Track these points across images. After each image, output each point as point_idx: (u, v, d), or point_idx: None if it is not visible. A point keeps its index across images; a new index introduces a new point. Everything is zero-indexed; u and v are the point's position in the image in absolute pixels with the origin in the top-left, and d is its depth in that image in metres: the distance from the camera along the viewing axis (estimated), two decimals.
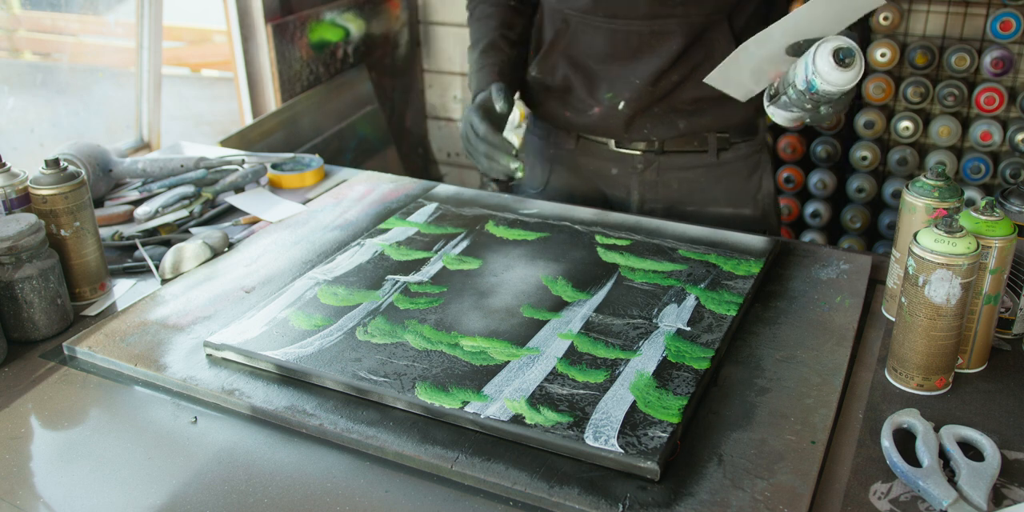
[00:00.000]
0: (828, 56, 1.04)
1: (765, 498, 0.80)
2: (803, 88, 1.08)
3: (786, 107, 1.14)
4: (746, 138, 1.48)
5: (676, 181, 1.48)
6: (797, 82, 1.09)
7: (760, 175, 1.51)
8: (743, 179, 1.50)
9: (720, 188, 1.49)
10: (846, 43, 1.04)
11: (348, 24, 2.65)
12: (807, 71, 1.06)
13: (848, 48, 1.04)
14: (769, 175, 1.52)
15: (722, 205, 1.49)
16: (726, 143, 1.46)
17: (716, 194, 1.49)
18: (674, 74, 1.38)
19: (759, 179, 1.51)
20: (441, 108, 3.12)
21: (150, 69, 2.05)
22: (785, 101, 1.13)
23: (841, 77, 1.04)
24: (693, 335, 1.03)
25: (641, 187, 1.49)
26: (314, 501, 0.82)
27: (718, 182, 1.48)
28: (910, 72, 2.44)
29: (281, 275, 1.22)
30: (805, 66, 1.07)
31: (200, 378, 0.99)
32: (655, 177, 1.48)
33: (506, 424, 0.88)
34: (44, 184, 1.11)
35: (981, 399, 0.95)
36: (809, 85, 1.07)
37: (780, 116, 1.17)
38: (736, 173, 1.49)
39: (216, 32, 3.87)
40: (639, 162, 1.47)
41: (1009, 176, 2.38)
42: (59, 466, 0.88)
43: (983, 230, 0.93)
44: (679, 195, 1.49)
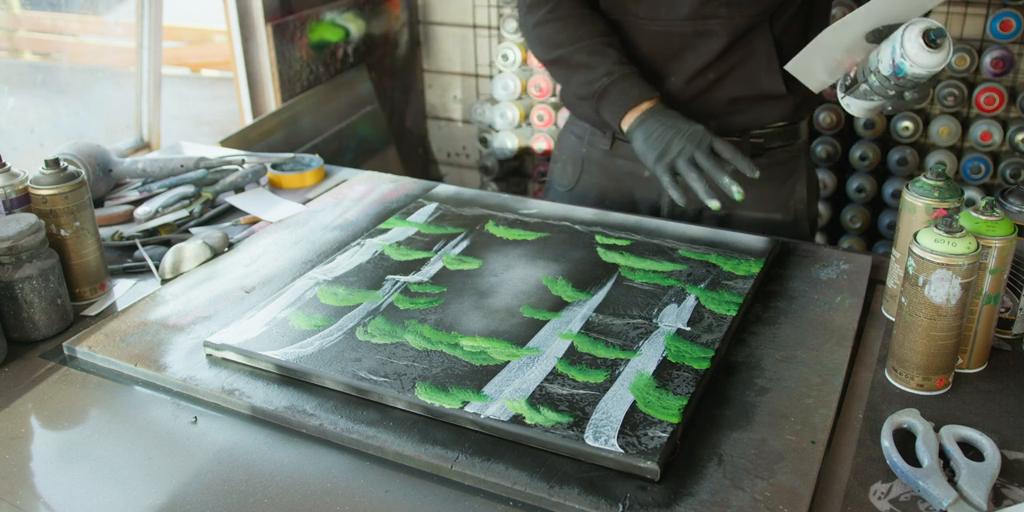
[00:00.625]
0: (918, 37, 1.02)
1: (765, 498, 0.80)
2: (888, 73, 1.05)
3: (865, 96, 1.11)
4: (785, 143, 1.46)
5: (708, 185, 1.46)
6: (881, 68, 1.06)
7: (795, 181, 1.49)
8: (777, 185, 1.47)
9: (752, 193, 1.44)
10: (934, 24, 1.02)
11: (348, 24, 2.65)
12: (894, 55, 1.03)
13: (939, 28, 1.02)
14: (804, 181, 1.50)
15: (753, 209, 1.47)
16: (760, 149, 1.44)
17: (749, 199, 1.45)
18: (710, 73, 1.36)
19: (793, 185, 1.49)
20: (441, 108, 3.12)
21: (150, 69, 2.05)
22: (865, 89, 1.10)
23: (931, 59, 1.02)
24: (693, 335, 1.03)
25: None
26: (314, 501, 0.82)
27: (751, 187, 1.44)
28: None
29: (281, 275, 1.22)
30: (892, 50, 1.04)
31: (200, 378, 0.99)
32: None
33: (506, 424, 0.88)
34: (44, 184, 1.11)
35: (981, 399, 0.95)
36: (896, 69, 1.04)
37: (856, 106, 1.15)
38: (771, 178, 1.46)
39: (216, 32, 3.87)
40: None
41: (1009, 176, 2.38)
42: (59, 466, 0.88)
43: (983, 230, 0.93)
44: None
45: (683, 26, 1.34)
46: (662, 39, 1.36)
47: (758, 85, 1.37)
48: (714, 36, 1.34)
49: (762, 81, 1.37)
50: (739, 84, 1.37)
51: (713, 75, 1.36)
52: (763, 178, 1.46)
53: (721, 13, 1.32)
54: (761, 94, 1.38)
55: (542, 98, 2.79)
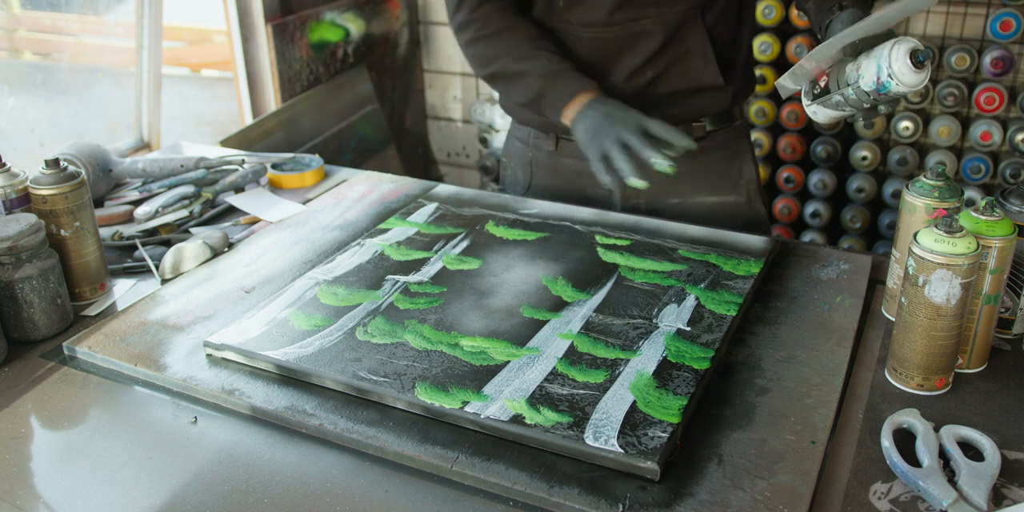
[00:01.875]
0: (906, 57, 1.02)
1: (765, 498, 0.80)
2: (870, 89, 1.06)
3: (837, 106, 1.12)
4: (723, 125, 1.48)
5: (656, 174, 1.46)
6: (862, 83, 1.06)
7: (740, 162, 1.51)
8: (724, 166, 1.49)
9: (701, 177, 1.48)
10: (920, 44, 1.03)
11: (348, 24, 2.65)
12: (879, 72, 1.04)
13: (926, 49, 1.02)
14: (750, 162, 1.52)
15: (705, 194, 1.49)
16: (702, 131, 1.45)
17: (697, 183, 1.48)
18: (648, 70, 1.38)
19: (740, 165, 1.51)
20: (441, 108, 3.12)
21: (150, 69, 2.05)
22: (838, 101, 1.11)
23: (916, 78, 1.03)
24: (693, 335, 1.03)
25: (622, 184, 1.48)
26: (314, 501, 0.82)
27: (698, 171, 1.47)
28: None
29: (281, 275, 1.22)
30: (877, 67, 1.04)
31: (200, 378, 0.99)
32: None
33: (506, 424, 0.88)
34: (44, 184, 1.11)
35: (981, 399, 0.95)
36: (881, 86, 1.05)
37: (823, 114, 1.16)
38: (715, 161, 1.48)
39: (216, 32, 3.87)
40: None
41: (1009, 176, 2.38)
42: (59, 466, 0.88)
43: (983, 230, 0.93)
44: (660, 187, 1.47)
45: (617, 29, 1.36)
46: (599, 43, 1.37)
47: (696, 78, 1.39)
48: (648, 35, 1.35)
49: (700, 74, 1.39)
50: (677, 78, 1.39)
51: (651, 72, 1.38)
52: (709, 162, 1.48)
53: (651, 11, 1.33)
54: (699, 87, 1.40)
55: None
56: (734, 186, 1.50)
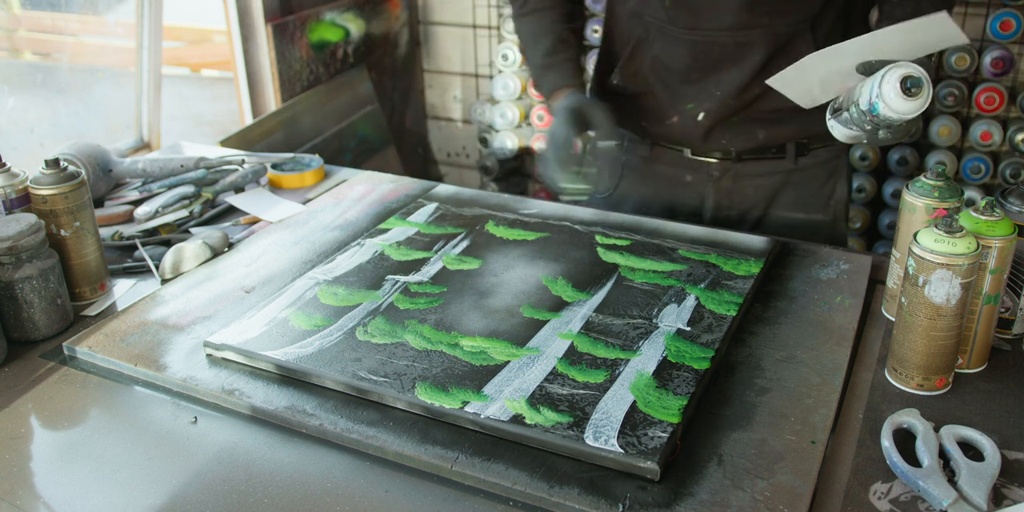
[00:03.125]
0: (895, 82, 1.02)
1: (765, 498, 0.80)
2: (865, 109, 1.06)
3: (846, 124, 1.12)
4: (826, 143, 1.45)
5: (752, 188, 1.45)
6: (860, 102, 1.06)
7: (835, 180, 1.48)
8: (819, 184, 1.47)
9: (795, 193, 1.46)
10: (917, 72, 1.02)
11: (348, 24, 2.65)
12: (871, 93, 1.04)
13: (917, 77, 1.01)
14: (844, 181, 1.49)
15: (795, 210, 1.46)
16: (804, 149, 1.43)
17: (791, 199, 1.46)
18: (756, 86, 1.33)
19: (834, 185, 1.48)
20: (441, 108, 3.12)
21: (150, 69, 2.05)
22: (847, 117, 1.11)
23: (904, 105, 1.02)
24: (693, 335, 1.02)
25: (716, 194, 1.46)
26: (314, 501, 0.82)
27: (794, 188, 1.45)
28: None
29: (281, 275, 1.22)
30: (871, 88, 1.04)
31: (200, 378, 0.99)
32: (731, 184, 1.45)
33: (506, 424, 0.88)
34: (44, 184, 1.11)
35: (981, 399, 0.95)
36: (871, 107, 1.04)
37: (839, 131, 1.15)
38: (813, 178, 1.46)
39: (216, 32, 3.87)
40: (715, 170, 1.44)
41: (1009, 176, 2.38)
42: (59, 466, 0.88)
43: (983, 230, 0.93)
44: (754, 201, 1.47)
45: (723, 36, 1.31)
46: (700, 49, 1.33)
47: None
48: (755, 47, 1.31)
49: None
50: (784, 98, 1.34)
51: (759, 89, 1.33)
52: (805, 179, 1.45)
53: (763, 22, 1.29)
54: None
55: (542, 98, 2.79)
56: (824, 205, 1.48)
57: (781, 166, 1.44)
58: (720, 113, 1.36)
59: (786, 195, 1.46)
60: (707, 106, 1.36)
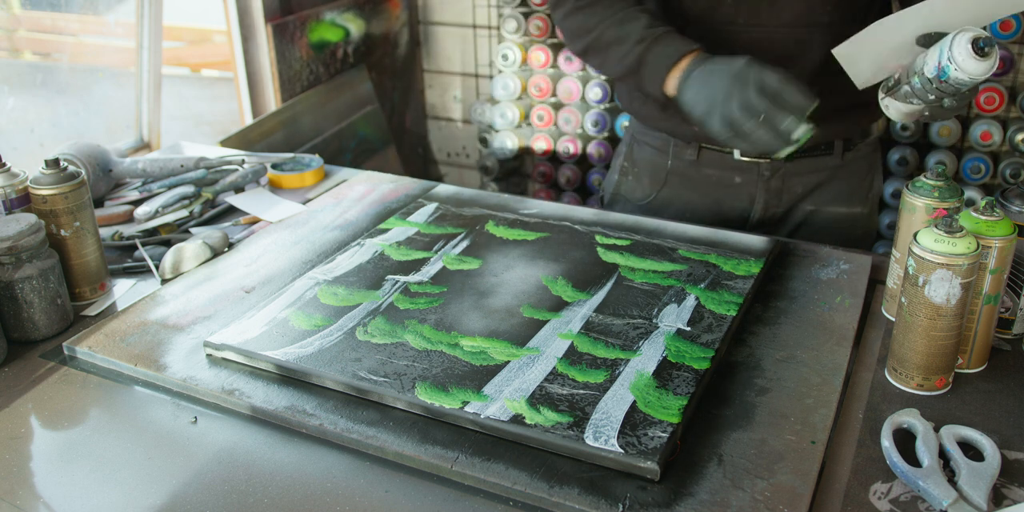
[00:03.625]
0: (967, 43, 1.01)
1: (765, 498, 0.80)
2: (932, 75, 1.05)
3: (905, 98, 1.11)
4: (867, 138, 1.47)
5: (801, 185, 1.45)
6: (926, 70, 1.06)
7: (874, 174, 1.50)
8: (861, 178, 1.48)
9: (839, 187, 1.46)
10: (985, 33, 1.02)
11: (348, 24, 2.65)
12: (941, 57, 1.03)
13: (989, 37, 1.02)
14: (880, 174, 1.51)
15: (839, 204, 1.47)
16: (851, 144, 1.43)
17: (835, 193, 1.46)
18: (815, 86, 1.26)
19: (872, 178, 1.50)
20: (441, 108, 3.12)
21: (150, 69, 2.05)
22: (906, 91, 1.10)
23: (976, 66, 1.02)
24: (693, 335, 1.02)
25: (766, 194, 1.45)
26: (314, 501, 0.82)
27: (839, 182, 1.46)
28: None
29: (281, 275, 1.22)
30: (940, 52, 1.04)
31: (200, 378, 0.99)
32: (780, 184, 1.44)
33: (506, 424, 0.88)
34: (44, 184, 1.11)
35: (981, 399, 0.95)
36: (941, 72, 1.03)
37: (895, 109, 1.14)
38: (856, 172, 1.47)
39: (216, 32, 3.87)
40: (766, 170, 1.43)
41: (1009, 176, 2.38)
42: (59, 466, 0.88)
43: (983, 230, 0.93)
44: (800, 197, 1.47)
45: (783, 33, 1.29)
46: (763, 48, 1.28)
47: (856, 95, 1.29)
48: (815, 45, 1.29)
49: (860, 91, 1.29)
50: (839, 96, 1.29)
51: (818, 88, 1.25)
52: (849, 173, 1.46)
53: (823, 20, 1.28)
54: (860, 102, 1.33)
55: (542, 98, 2.79)
56: (864, 198, 1.49)
57: (829, 162, 1.44)
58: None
59: (831, 190, 1.47)
60: None
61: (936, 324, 0.91)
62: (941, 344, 0.93)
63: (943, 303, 0.90)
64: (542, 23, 2.70)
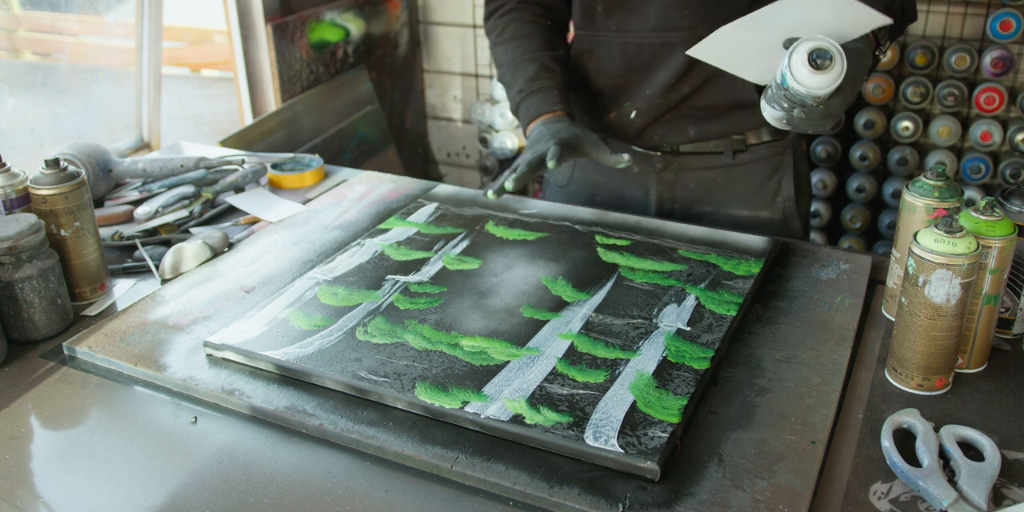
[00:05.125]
0: (804, 53, 1.00)
1: (765, 498, 0.80)
2: (778, 81, 1.05)
3: (770, 102, 1.10)
4: (771, 140, 1.46)
5: (693, 181, 1.48)
6: (776, 75, 1.05)
7: (780, 177, 1.49)
8: (761, 181, 1.48)
9: (737, 190, 1.48)
10: (828, 45, 1.00)
11: (348, 24, 2.65)
12: (783, 64, 1.03)
13: (826, 50, 0.99)
14: (790, 177, 1.50)
15: (739, 207, 1.48)
16: (742, 145, 1.45)
17: (733, 196, 1.48)
18: (684, 86, 1.38)
19: (779, 181, 1.49)
20: (441, 108, 3.12)
21: (150, 69, 2.05)
22: (770, 95, 1.10)
23: (810, 79, 1.00)
24: (693, 335, 1.03)
25: (659, 186, 1.49)
26: (314, 501, 0.82)
27: (735, 183, 1.47)
28: (910, 72, 2.44)
29: (281, 275, 1.22)
30: (784, 60, 1.03)
31: (200, 378, 0.99)
32: (673, 177, 1.48)
33: (506, 424, 0.88)
34: (44, 184, 1.11)
35: (981, 399, 0.95)
36: (782, 78, 1.03)
37: (767, 112, 1.13)
38: (753, 174, 1.48)
39: (216, 32, 3.87)
40: (658, 162, 1.47)
41: (1009, 176, 2.38)
42: (59, 466, 0.88)
43: (983, 230, 0.93)
44: (696, 195, 1.49)
45: (650, 37, 1.36)
46: (633, 50, 1.39)
47: (732, 94, 1.38)
48: (677, 48, 1.35)
49: (736, 90, 1.37)
50: (714, 94, 1.39)
51: (687, 88, 1.38)
52: (745, 175, 1.48)
53: (683, 25, 1.34)
54: (736, 102, 1.39)
55: None
56: (769, 203, 1.49)
57: (719, 161, 1.46)
58: (651, 111, 1.41)
59: (728, 191, 1.48)
60: (639, 105, 1.41)
61: (936, 324, 0.91)
62: (941, 344, 0.93)
63: (943, 303, 0.90)
64: None
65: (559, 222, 1.33)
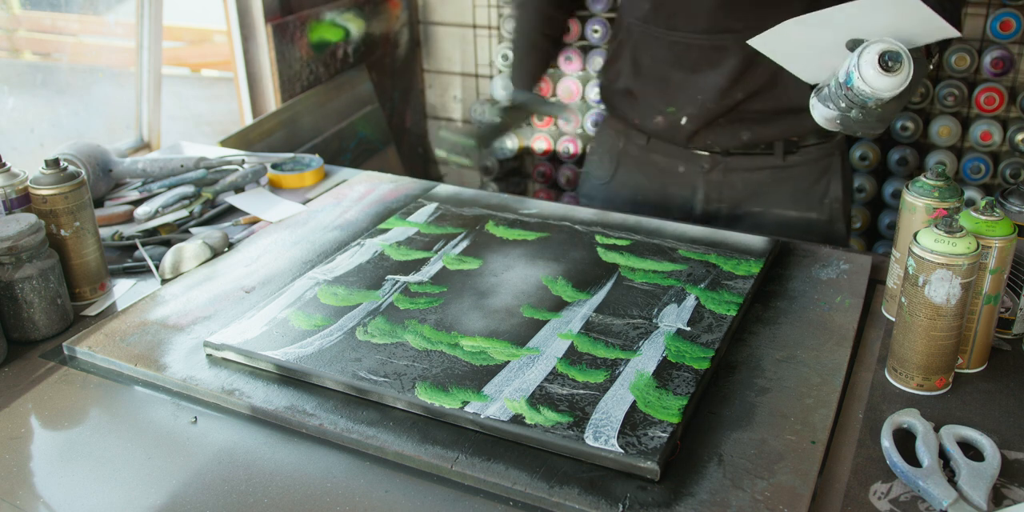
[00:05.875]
0: (874, 54, 1.00)
1: (765, 498, 0.80)
2: (842, 80, 1.04)
3: (825, 100, 1.10)
4: (819, 141, 1.45)
5: (741, 182, 1.47)
6: (839, 74, 1.05)
7: (829, 179, 1.48)
8: (810, 182, 1.47)
9: (786, 190, 1.47)
10: (898, 48, 1.00)
11: (348, 24, 2.65)
12: (850, 63, 1.03)
13: (896, 52, 1.00)
14: (839, 180, 1.49)
15: (788, 208, 1.47)
16: (793, 146, 1.44)
17: (781, 196, 1.47)
18: (738, 92, 1.35)
19: (827, 183, 1.48)
20: (441, 108, 3.12)
21: (150, 69, 2.05)
22: (825, 94, 1.10)
23: (878, 80, 1.00)
24: (693, 335, 1.02)
25: (707, 186, 1.48)
26: (314, 501, 0.82)
27: (784, 184, 1.46)
28: None
29: (281, 275, 1.22)
30: (851, 59, 1.03)
31: (200, 378, 0.99)
32: (721, 177, 1.47)
33: (506, 424, 0.88)
34: (44, 184, 1.11)
35: (981, 399, 0.95)
36: (847, 78, 1.03)
37: (818, 111, 1.13)
38: (803, 176, 1.47)
39: (216, 32, 3.87)
40: (706, 162, 1.46)
41: (1009, 176, 2.38)
42: (59, 466, 0.88)
43: (983, 230, 0.93)
44: (744, 196, 1.48)
45: (699, 39, 1.34)
46: (680, 50, 1.36)
47: (787, 99, 1.36)
48: (730, 52, 1.32)
49: (791, 95, 1.35)
50: (768, 99, 1.36)
51: (741, 94, 1.36)
52: (796, 176, 1.46)
53: (737, 27, 1.31)
54: (791, 107, 1.37)
55: None
56: (818, 204, 1.48)
57: (769, 162, 1.45)
58: (702, 117, 1.39)
59: (777, 192, 1.47)
60: (689, 110, 1.39)
61: (936, 324, 0.91)
62: (941, 344, 0.93)
63: (943, 303, 0.90)
64: None
65: (559, 222, 1.33)
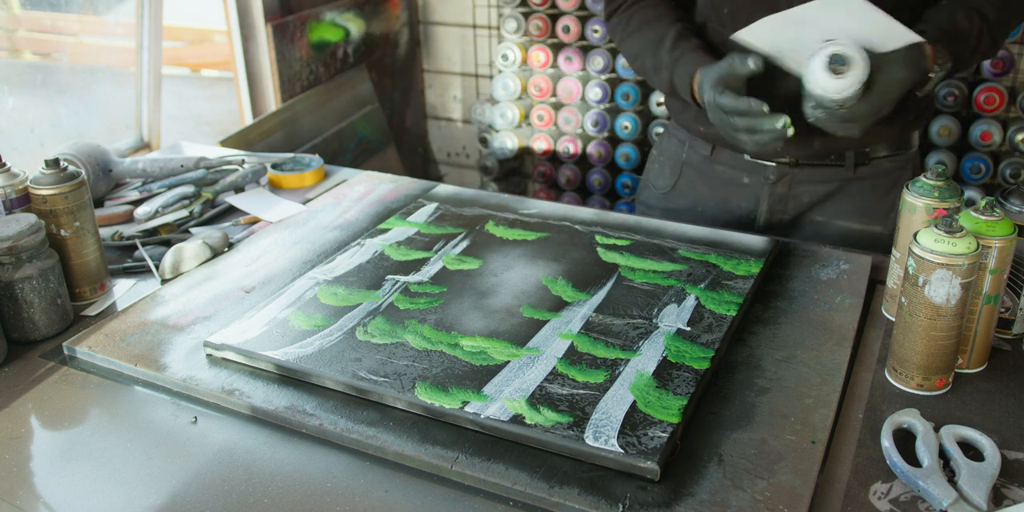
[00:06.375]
0: (825, 56, 1.01)
1: (765, 498, 0.80)
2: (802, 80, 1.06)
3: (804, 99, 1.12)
4: (894, 153, 1.42)
5: (808, 194, 1.43)
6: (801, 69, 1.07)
7: (897, 193, 1.42)
8: (879, 195, 1.43)
9: (853, 203, 1.43)
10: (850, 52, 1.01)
11: (348, 24, 2.65)
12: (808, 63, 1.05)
13: (843, 56, 1.00)
14: None
15: (852, 220, 1.43)
16: (865, 158, 1.40)
17: (847, 208, 1.43)
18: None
19: (895, 197, 1.42)
20: (441, 108, 3.12)
21: (150, 69, 2.05)
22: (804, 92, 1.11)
23: (826, 81, 1.01)
24: (693, 335, 1.03)
25: (771, 198, 1.44)
26: (314, 501, 0.82)
27: (852, 197, 1.42)
28: None
29: (281, 275, 1.22)
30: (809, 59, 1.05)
31: (200, 378, 0.99)
32: (786, 189, 1.43)
33: (506, 424, 0.88)
34: (44, 184, 1.11)
35: (981, 399, 0.95)
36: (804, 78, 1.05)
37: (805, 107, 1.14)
38: (872, 189, 1.42)
39: (216, 32, 3.87)
40: (772, 173, 1.42)
41: (1009, 176, 2.38)
42: (59, 466, 0.88)
43: (983, 230, 0.93)
44: (809, 207, 1.44)
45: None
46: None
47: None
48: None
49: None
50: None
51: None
52: (864, 189, 1.42)
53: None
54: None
55: (542, 98, 2.79)
56: (884, 217, 1.44)
57: (839, 174, 1.41)
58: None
59: (843, 203, 1.43)
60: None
61: (936, 324, 0.91)
62: (941, 344, 0.93)
63: (943, 303, 0.90)
64: (542, 23, 2.70)
65: (559, 222, 1.33)
